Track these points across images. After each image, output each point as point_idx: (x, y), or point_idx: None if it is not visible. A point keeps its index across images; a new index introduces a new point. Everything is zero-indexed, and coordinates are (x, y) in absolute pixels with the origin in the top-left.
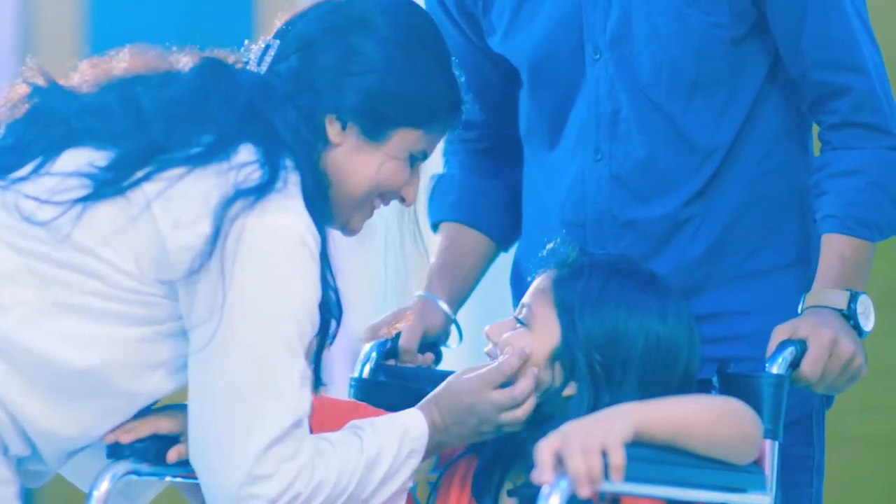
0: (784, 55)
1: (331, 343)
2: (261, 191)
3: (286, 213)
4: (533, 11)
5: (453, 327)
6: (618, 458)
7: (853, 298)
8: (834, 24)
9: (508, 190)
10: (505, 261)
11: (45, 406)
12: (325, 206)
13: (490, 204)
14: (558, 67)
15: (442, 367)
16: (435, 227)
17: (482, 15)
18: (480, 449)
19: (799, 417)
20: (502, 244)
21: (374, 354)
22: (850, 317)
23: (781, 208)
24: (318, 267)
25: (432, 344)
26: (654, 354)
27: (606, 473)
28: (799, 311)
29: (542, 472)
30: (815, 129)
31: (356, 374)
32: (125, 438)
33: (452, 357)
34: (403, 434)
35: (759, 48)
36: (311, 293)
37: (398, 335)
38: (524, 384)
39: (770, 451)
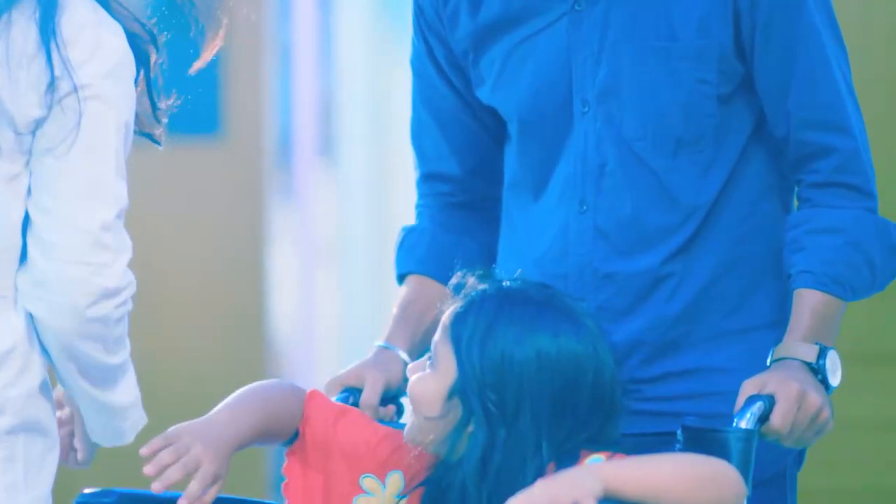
0: (769, 114)
1: (151, 79)
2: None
3: (91, 27)
4: (522, 63)
5: None
6: None
7: (822, 353)
8: (821, 86)
9: (479, 246)
10: None
11: None
12: None
13: (458, 259)
14: (547, 119)
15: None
16: (401, 278)
17: (472, 66)
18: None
19: (773, 476)
20: None
21: None
22: (818, 371)
23: (761, 269)
24: (125, 44)
25: (393, 397)
26: (551, 375)
27: None
28: (768, 363)
29: None
30: None
31: None
32: None
33: None
34: None
35: (744, 107)
36: (129, 82)
37: (360, 389)
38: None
39: None
